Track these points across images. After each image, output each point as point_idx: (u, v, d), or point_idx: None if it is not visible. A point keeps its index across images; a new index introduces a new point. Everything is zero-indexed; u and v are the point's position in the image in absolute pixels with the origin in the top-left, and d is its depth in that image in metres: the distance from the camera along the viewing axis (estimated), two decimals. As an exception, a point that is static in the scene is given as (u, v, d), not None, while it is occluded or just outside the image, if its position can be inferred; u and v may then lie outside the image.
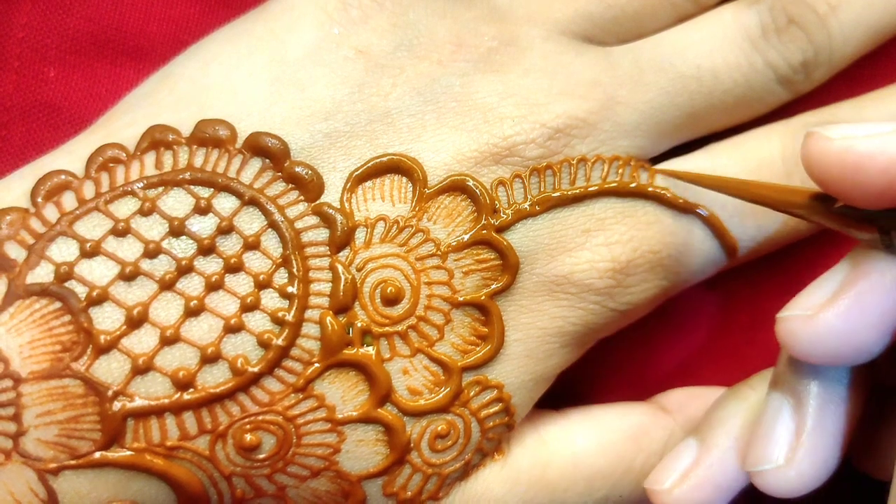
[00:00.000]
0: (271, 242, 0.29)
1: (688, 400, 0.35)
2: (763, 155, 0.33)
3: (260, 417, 0.28)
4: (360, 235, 0.30)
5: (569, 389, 0.35)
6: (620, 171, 0.32)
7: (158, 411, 0.28)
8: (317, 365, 0.29)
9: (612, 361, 0.37)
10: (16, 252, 0.28)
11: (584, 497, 0.32)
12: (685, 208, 0.32)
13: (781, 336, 0.26)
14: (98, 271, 0.28)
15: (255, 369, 0.28)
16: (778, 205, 0.28)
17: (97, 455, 0.27)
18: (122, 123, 0.31)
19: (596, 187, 0.32)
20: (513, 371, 0.31)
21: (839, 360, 0.26)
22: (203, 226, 0.29)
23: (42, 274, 0.28)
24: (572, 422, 0.34)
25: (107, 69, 0.36)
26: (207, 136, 0.30)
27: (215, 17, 0.37)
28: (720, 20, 0.34)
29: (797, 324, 0.26)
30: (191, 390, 0.28)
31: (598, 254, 0.31)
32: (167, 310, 0.28)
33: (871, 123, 0.25)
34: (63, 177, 0.29)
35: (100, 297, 0.28)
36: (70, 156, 0.30)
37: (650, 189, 0.32)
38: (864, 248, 0.27)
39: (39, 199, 0.29)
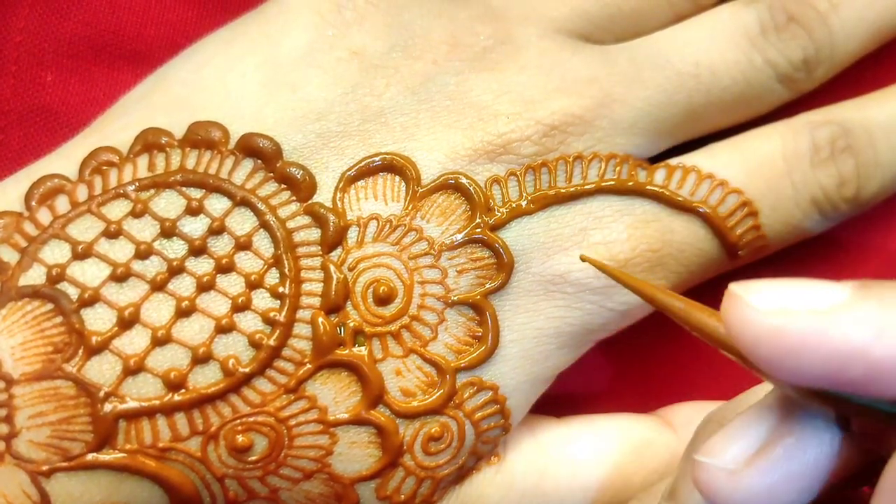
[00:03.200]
0: (263, 243, 0.29)
1: (695, 415, 0.34)
2: (764, 153, 0.33)
3: (251, 419, 0.28)
4: (352, 235, 0.29)
5: (569, 396, 0.35)
6: (618, 168, 0.32)
7: (150, 412, 0.28)
8: (308, 365, 0.28)
9: (615, 368, 0.37)
10: (9, 255, 0.28)
11: None
12: (685, 207, 0.32)
13: (699, 485, 0.24)
14: (90, 273, 0.28)
15: (247, 370, 0.28)
16: (709, 340, 0.24)
17: (89, 457, 0.27)
18: (117, 127, 0.31)
19: (593, 185, 0.31)
20: (508, 372, 0.30)
21: None
22: (194, 227, 0.29)
23: (34, 276, 0.28)
24: (573, 430, 0.33)
25: (104, 73, 0.36)
26: (200, 138, 0.30)
27: (212, 20, 0.36)
28: (718, 18, 0.34)
29: (717, 477, 0.23)
30: (182, 391, 0.28)
31: (595, 252, 0.31)
32: (158, 310, 0.28)
33: (803, 288, 0.22)
34: (57, 181, 0.30)
35: (91, 299, 0.28)
36: (64, 160, 0.30)
37: (648, 187, 0.32)
38: (794, 400, 0.24)
39: (33, 203, 0.29)
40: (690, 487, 0.25)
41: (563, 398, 0.34)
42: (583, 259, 0.30)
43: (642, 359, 0.37)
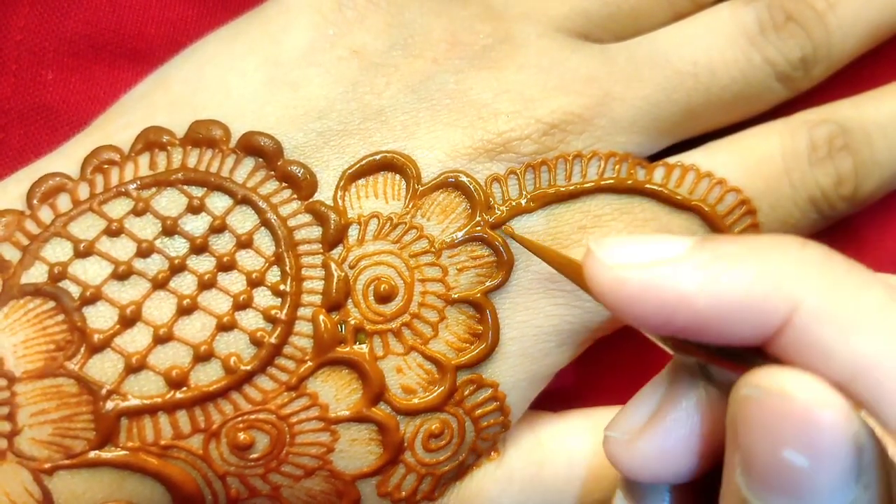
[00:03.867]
0: (264, 241, 0.29)
1: None
2: (762, 152, 0.33)
3: (253, 416, 0.28)
4: (353, 233, 0.30)
5: (567, 393, 0.35)
6: (617, 167, 0.32)
7: (152, 410, 0.28)
8: (309, 363, 0.29)
9: (612, 364, 0.37)
10: (11, 253, 0.28)
11: (579, 499, 0.32)
12: (684, 205, 0.32)
13: (606, 455, 0.26)
14: (91, 271, 0.28)
15: (248, 367, 0.28)
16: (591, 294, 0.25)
17: (91, 454, 0.27)
18: (118, 126, 0.31)
19: (592, 183, 0.31)
20: (508, 370, 0.31)
21: (658, 482, 0.26)
22: (196, 225, 0.29)
23: (36, 274, 0.28)
24: (569, 423, 0.33)
25: (105, 72, 0.36)
26: (201, 136, 0.30)
27: (213, 19, 0.37)
28: (717, 17, 0.34)
29: (617, 446, 0.26)
30: (184, 389, 0.28)
31: (594, 251, 0.31)
32: (160, 308, 0.28)
33: (651, 243, 0.23)
34: (58, 179, 0.30)
35: (93, 297, 0.28)
36: (66, 158, 0.30)
37: (647, 185, 0.32)
38: (679, 367, 0.26)
39: (35, 202, 0.29)
40: None
41: (560, 393, 0.34)
42: (505, 232, 0.31)
43: (638, 354, 0.37)
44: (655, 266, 0.23)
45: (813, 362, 0.21)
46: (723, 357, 0.23)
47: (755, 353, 0.23)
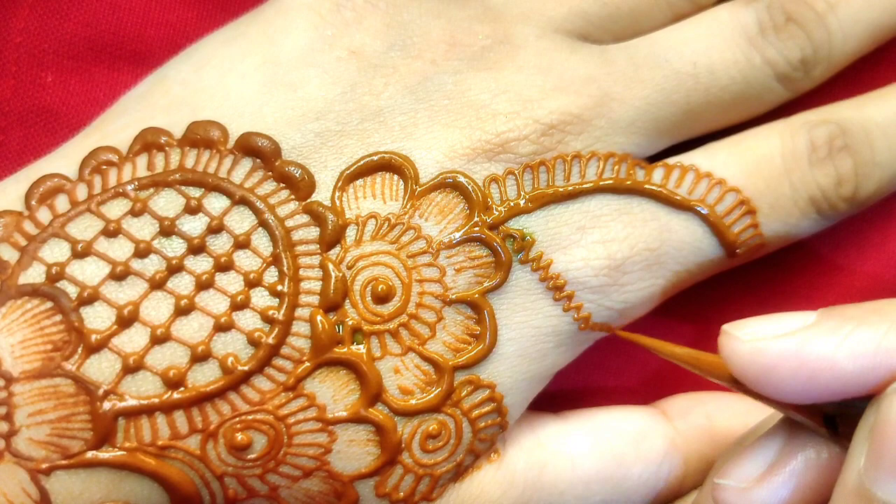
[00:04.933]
0: (262, 241, 0.29)
1: (691, 406, 0.35)
2: (762, 153, 0.33)
3: (251, 417, 0.28)
4: (350, 233, 0.30)
5: (568, 394, 0.35)
6: (616, 167, 0.32)
7: (149, 410, 0.28)
8: (307, 363, 0.28)
9: (612, 364, 0.37)
10: (9, 254, 0.28)
11: (581, 500, 0.32)
12: (683, 206, 0.32)
13: (716, 501, 0.28)
14: (89, 271, 0.28)
15: (246, 368, 0.28)
16: (713, 377, 0.29)
17: (89, 455, 0.27)
18: (117, 127, 0.31)
19: (591, 184, 0.31)
20: (506, 371, 0.31)
21: None
22: (193, 225, 0.29)
23: (34, 275, 0.28)
24: (570, 424, 0.33)
25: (104, 74, 0.36)
26: (199, 137, 0.30)
27: (212, 21, 0.37)
28: (717, 18, 0.34)
29: (732, 495, 0.27)
30: (181, 389, 0.28)
31: (593, 251, 0.31)
32: (158, 309, 0.28)
33: (781, 319, 0.26)
34: (56, 180, 0.30)
35: (91, 297, 0.28)
36: (64, 159, 0.30)
37: (646, 186, 0.32)
38: (797, 422, 0.28)
39: (33, 202, 0.29)
40: None
41: (560, 394, 0.34)
42: (617, 335, 0.32)
43: (638, 354, 0.37)
44: (791, 336, 0.25)
45: None
46: (846, 408, 0.26)
47: None
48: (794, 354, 0.25)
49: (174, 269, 0.29)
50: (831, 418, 0.26)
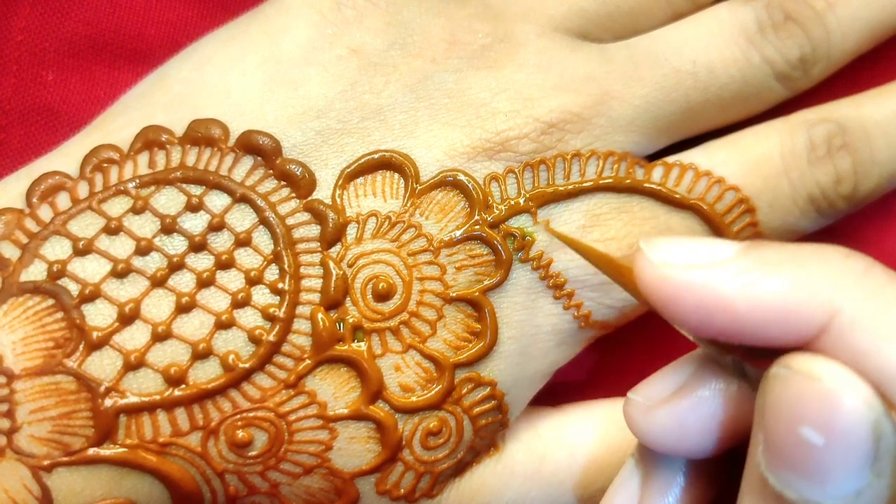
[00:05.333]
0: (262, 239, 0.29)
1: None
2: (761, 151, 0.33)
3: (251, 414, 0.28)
4: (351, 231, 0.30)
5: (567, 389, 0.35)
6: (616, 166, 0.32)
7: (150, 407, 0.28)
8: (308, 361, 0.29)
9: (612, 361, 0.37)
10: (10, 251, 0.29)
11: (581, 489, 0.32)
12: (682, 204, 0.32)
13: (625, 417, 0.27)
14: (90, 269, 0.28)
15: (247, 365, 0.28)
16: (632, 292, 0.27)
17: (90, 452, 0.28)
18: (118, 125, 0.31)
19: (591, 182, 0.31)
20: (506, 368, 0.31)
21: (672, 454, 0.27)
22: (194, 223, 0.29)
23: (36, 272, 0.28)
24: (568, 416, 0.33)
25: (105, 72, 0.36)
26: (200, 135, 0.30)
27: (213, 19, 0.37)
28: (716, 17, 0.34)
29: (637, 411, 0.27)
30: (182, 386, 0.28)
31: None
32: (159, 306, 0.28)
33: (698, 245, 0.24)
34: (58, 178, 0.30)
35: (92, 294, 0.28)
36: (65, 157, 0.30)
37: (646, 184, 0.32)
38: (712, 356, 0.27)
39: (35, 200, 0.29)
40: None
41: (559, 388, 0.34)
42: (546, 229, 0.31)
43: (637, 350, 0.37)
44: (699, 268, 0.24)
45: (847, 365, 0.22)
46: (757, 355, 0.24)
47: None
48: (698, 288, 0.23)
49: (175, 266, 0.29)
50: (739, 361, 0.26)
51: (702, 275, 0.23)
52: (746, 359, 0.25)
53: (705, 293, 0.23)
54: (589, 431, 0.33)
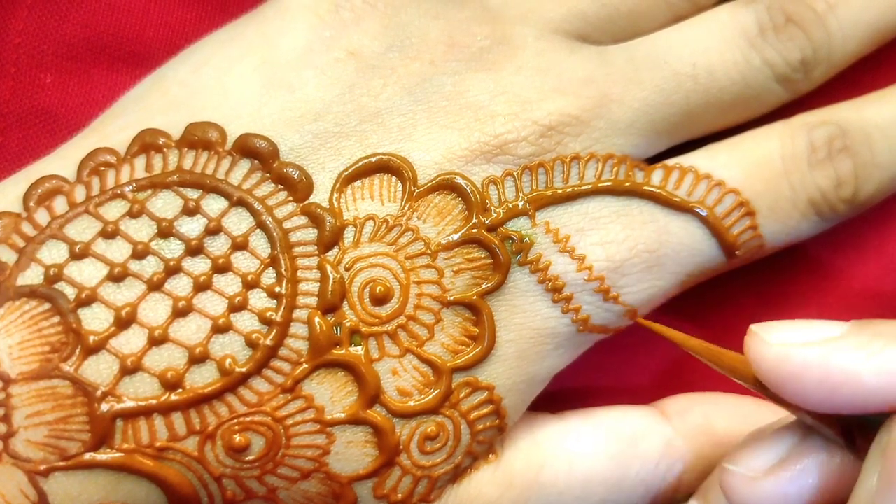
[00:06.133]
0: (259, 242, 0.29)
1: (689, 406, 0.34)
2: (762, 154, 0.33)
3: (248, 418, 0.28)
4: (348, 235, 0.30)
5: (566, 394, 0.35)
6: (615, 169, 0.32)
7: (147, 412, 0.28)
8: (305, 365, 0.28)
9: (611, 366, 0.37)
10: (6, 255, 0.28)
11: (579, 501, 0.32)
12: (682, 207, 0.32)
13: (723, 487, 0.28)
14: (87, 273, 0.28)
15: (244, 370, 0.28)
16: (733, 376, 0.29)
17: (86, 456, 0.27)
18: (115, 128, 0.31)
19: (590, 186, 0.31)
20: (504, 373, 0.30)
21: None
22: (191, 227, 0.29)
23: (32, 276, 0.28)
24: (568, 424, 0.33)
25: (103, 75, 0.36)
26: (197, 138, 0.30)
27: (212, 22, 0.37)
28: (717, 19, 0.34)
29: (740, 482, 0.27)
30: (179, 391, 0.28)
31: (592, 253, 0.31)
32: (155, 310, 0.28)
33: (811, 326, 0.26)
34: (55, 181, 0.30)
35: (88, 298, 0.28)
36: (63, 160, 0.30)
37: (645, 188, 0.32)
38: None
39: (31, 204, 0.29)
40: (718, 492, 0.29)
41: (558, 394, 0.34)
42: (640, 323, 0.32)
43: (638, 355, 0.37)
44: (819, 345, 0.25)
45: None
46: (865, 425, 0.26)
47: None
48: (820, 364, 0.25)
49: (172, 270, 0.29)
50: (849, 430, 0.26)
51: (823, 351, 0.25)
52: (858, 429, 0.26)
53: (830, 369, 0.25)
54: (589, 441, 0.33)
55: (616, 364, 0.37)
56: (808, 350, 0.25)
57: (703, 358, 0.29)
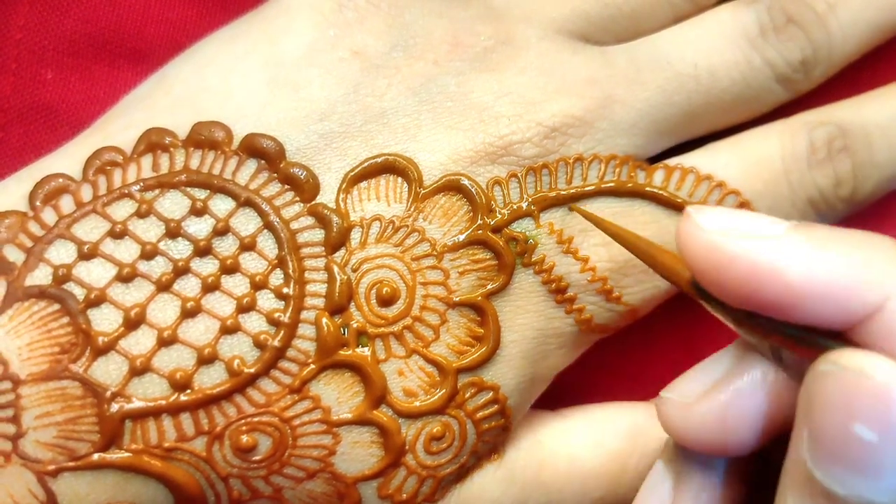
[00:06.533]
0: (267, 243, 0.29)
1: None
2: (762, 153, 0.33)
3: (256, 419, 0.28)
4: (355, 236, 0.30)
5: (567, 391, 0.35)
6: (617, 170, 0.32)
7: (156, 412, 0.28)
8: (312, 366, 0.29)
9: (611, 363, 0.37)
10: (15, 255, 0.28)
11: (580, 497, 0.32)
12: (684, 208, 0.32)
13: (659, 417, 0.27)
14: (96, 273, 0.28)
15: (252, 370, 0.28)
16: (665, 274, 0.28)
17: (95, 457, 0.28)
18: (119, 126, 0.31)
19: (593, 187, 0.32)
20: (509, 372, 0.31)
21: (711, 452, 0.26)
22: (199, 227, 0.29)
23: (41, 276, 0.28)
24: (568, 421, 0.34)
25: (105, 71, 0.36)
26: (203, 138, 0.30)
27: (213, 19, 0.37)
28: (718, 19, 0.34)
29: (674, 409, 0.26)
30: (188, 391, 0.28)
31: (595, 254, 0.31)
32: (164, 311, 0.28)
33: (749, 218, 0.24)
34: (61, 180, 0.30)
35: (98, 299, 0.28)
36: (68, 159, 0.30)
37: (647, 188, 0.32)
38: (749, 345, 0.26)
39: (38, 203, 0.29)
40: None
41: (558, 391, 0.34)
42: (572, 209, 0.31)
43: (638, 352, 0.37)
44: (753, 238, 0.23)
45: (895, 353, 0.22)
46: (798, 340, 0.24)
47: (831, 339, 0.23)
48: (749, 257, 0.23)
49: (180, 271, 0.29)
50: (777, 348, 0.25)
51: (756, 245, 0.23)
52: (786, 343, 0.24)
53: (758, 263, 0.23)
54: (587, 437, 0.33)
55: (615, 361, 0.37)
56: (742, 241, 0.23)
57: (638, 254, 0.28)
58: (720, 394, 0.26)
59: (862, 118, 0.34)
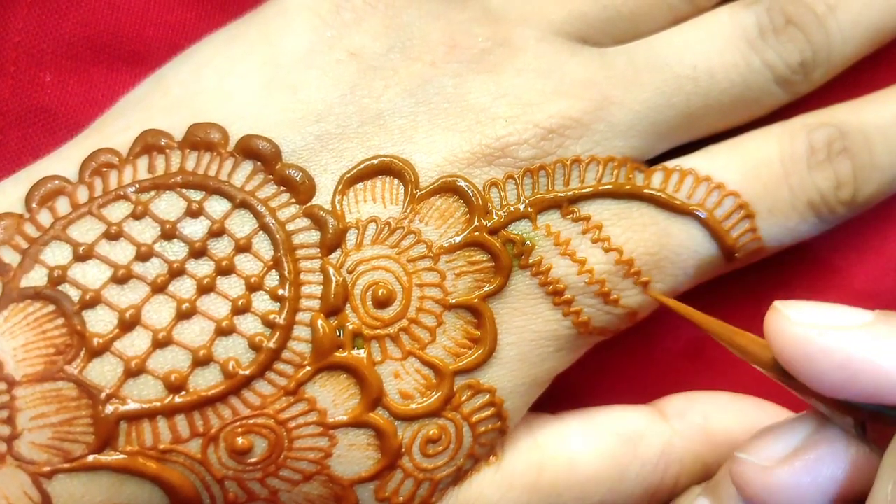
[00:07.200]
0: (263, 245, 0.29)
1: (687, 406, 0.35)
2: (761, 156, 0.33)
3: (251, 421, 0.28)
4: (351, 237, 0.30)
5: (566, 393, 0.35)
6: (615, 172, 0.32)
7: (151, 414, 0.28)
8: (308, 368, 0.29)
9: (611, 365, 0.37)
10: (10, 256, 0.28)
11: (579, 501, 0.32)
12: (682, 210, 0.32)
13: (734, 478, 0.28)
14: (91, 274, 0.28)
15: (247, 372, 0.28)
16: (746, 357, 0.28)
17: (90, 458, 0.28)
18: (116, 128, 0.31)
19: (590, 189, 0.31)
20: (505, 375, 0.31)
21: None
22: (195, 229, 0.29)
23: (36, 277, 0.28)
24: (568, 425, 0.33)
25: (103, 74, 0.36)
26: (199, 139, 0.30)
27: (212, 21, 0.37)
28: (717, 21, 0.34)
29: (752, 471, 0.27)
30: (183, 393, 0.28)
31: (593, 256, 0.31)
32: (159, 312, 0.28)
33: (836, 310, 0.26)
34: (57, 182, 0.30)
35: (93, 300, 0.28)
36: (64, 161, 0.30)
37: (646, 190, 0.32)
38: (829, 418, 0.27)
39: (34, 205, 0.29)
40: (728, 487, 0.29)
41: (558, 394, 0.34)
42: (661, 301, 0.32)
43: (638, 355, 0.37)
44: (843, 330, 0.25)
45: None
46: (884, 416, 0.25)
47: None
48: (842, 349, 0.25)
49: (176, 272, 0.29)
50: (862, 421, 0.26)
51: (847, 336, 0.25)
52: (872, 420, 0.26)
53: (852, 354, 0.25)
54: (588, 442, 0.33)
55: (615, 364, 0.37)
56: (832, 333, 0.25)
57: (720, 338, 0.29)
58: (801, 460, 0.27)
59: (862, 120, 0.34)
